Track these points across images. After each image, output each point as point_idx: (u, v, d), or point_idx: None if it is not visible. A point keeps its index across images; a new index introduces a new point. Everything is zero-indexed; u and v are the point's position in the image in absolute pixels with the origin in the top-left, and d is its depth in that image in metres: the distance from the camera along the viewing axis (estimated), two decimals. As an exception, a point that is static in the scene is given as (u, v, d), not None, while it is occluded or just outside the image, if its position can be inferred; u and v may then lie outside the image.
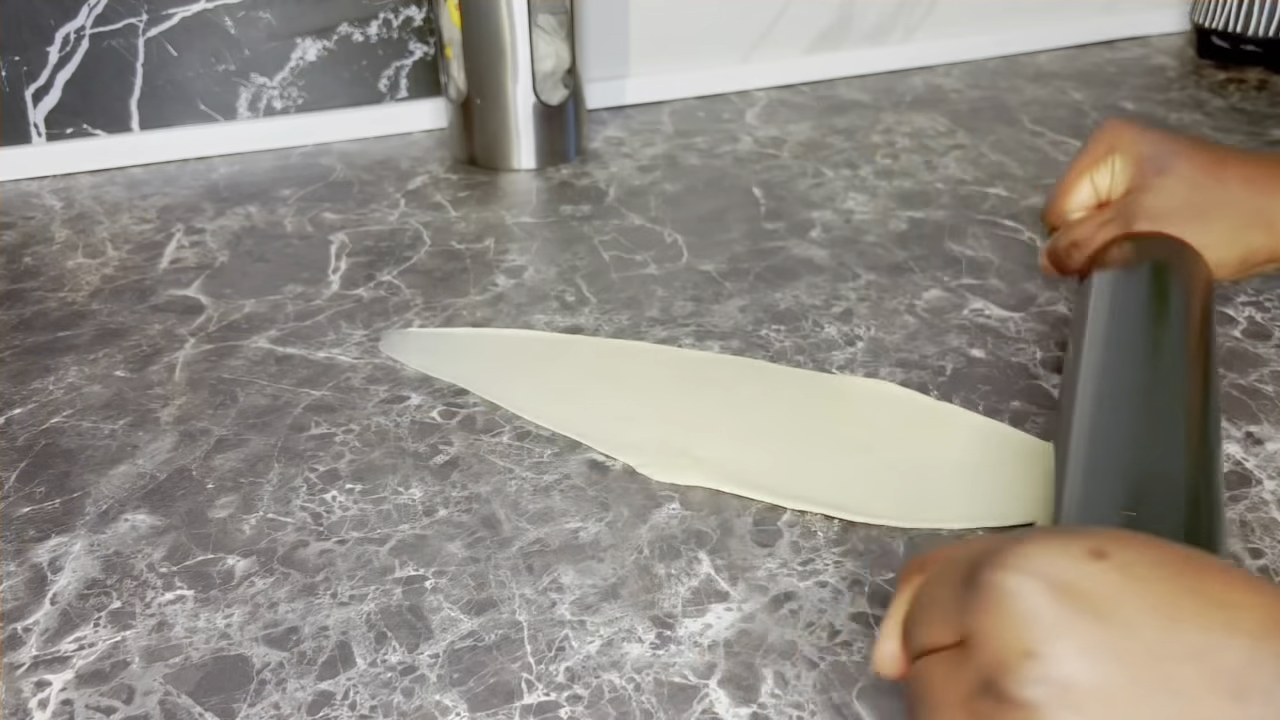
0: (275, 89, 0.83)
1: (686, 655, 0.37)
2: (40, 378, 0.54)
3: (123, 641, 0.38)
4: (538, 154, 0.80)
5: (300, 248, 0.68)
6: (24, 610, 0.39)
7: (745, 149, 0.84)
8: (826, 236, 0.69)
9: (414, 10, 0.85)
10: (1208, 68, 1.02)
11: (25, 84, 0.77)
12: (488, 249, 0.68)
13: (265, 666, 0.37)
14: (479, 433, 0.49)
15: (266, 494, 0.45)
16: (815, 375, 0.53)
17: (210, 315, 0.60)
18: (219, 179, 0.79)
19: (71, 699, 0.36)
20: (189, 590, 0.40)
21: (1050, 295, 0.61)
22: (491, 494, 0.45)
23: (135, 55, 0.79)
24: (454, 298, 0.61)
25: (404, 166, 0.81)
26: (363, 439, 0.49)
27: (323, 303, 0.61)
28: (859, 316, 0.59)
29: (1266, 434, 0.49)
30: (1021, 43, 1.07)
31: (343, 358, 0.55)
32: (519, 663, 0.37)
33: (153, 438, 0.49)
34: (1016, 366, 0.54)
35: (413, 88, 0.87)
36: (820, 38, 0.99)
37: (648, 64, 0.94)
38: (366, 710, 0.35)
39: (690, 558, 0.42)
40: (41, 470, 0.47)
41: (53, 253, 0.68)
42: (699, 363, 0.54)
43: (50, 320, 0.60)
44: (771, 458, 0.47)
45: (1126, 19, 1.11)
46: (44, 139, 0.79)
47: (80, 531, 0.43)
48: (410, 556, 0.42)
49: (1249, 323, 0.58)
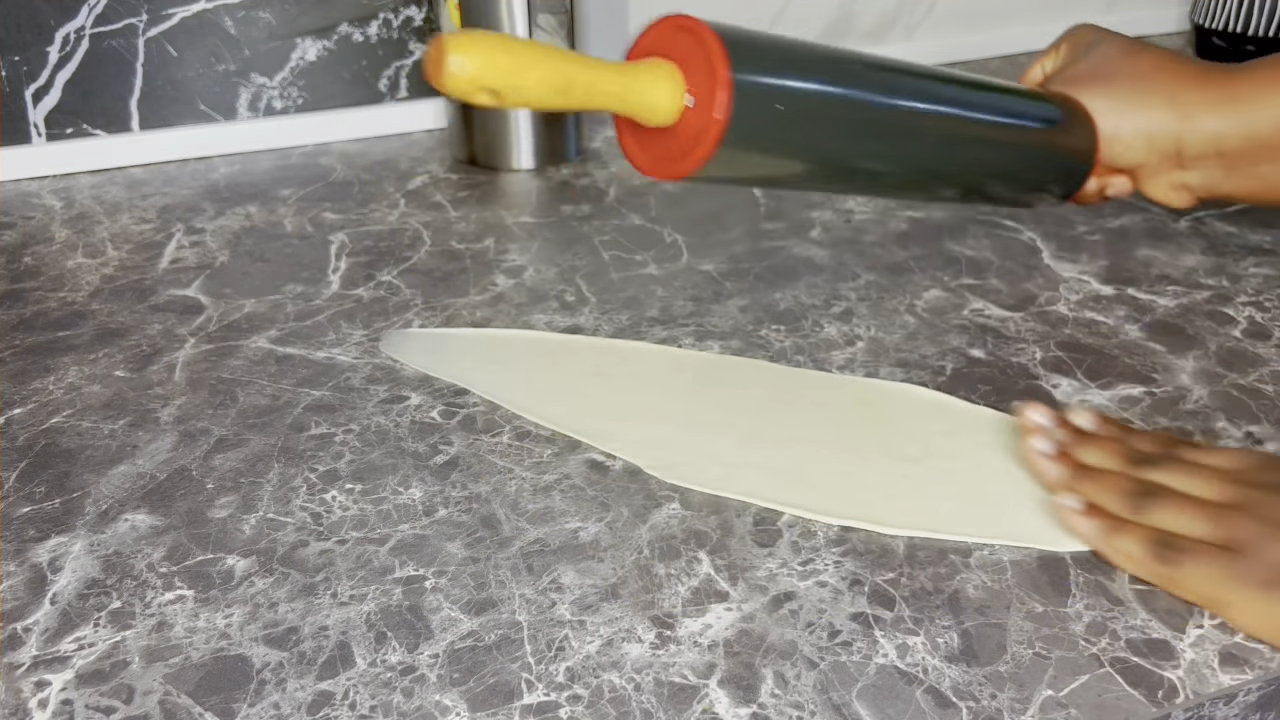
0: (275, 89, 0.83)
1: (686, 655, 0.37)
2: (40, 378, 0.54)
3: (123, 641, 0.38)
4: (538, 154, 0.80)
5: (300, 248, 0.68)
6: (24, 610, 0.39)
7: (745, 149, 0.84)
8: (826, 236, 0.69)
9: (414, 10, 0.85)
10: (1208, 68, 1.02)
11: (25, 84, 0.77)
12: (488, 249, 0.68)
13: (265, 666, 0.37)
14: (479, 433, 0.49)
15: (266, 494, 0.45)
16: (827, 377, 0.53)
17: (210, 315, 0.60)
18: (219, 179, 0.79)
19: (71, 699, 0.36)
20: (189, 590, 0.40)
21: (1050, 295, 0.61)
22: (491, 494, 0.45)
23: (135, 55, 0.79)
24: (454, 298, 0.61)
25: (404, 166, 0.81)
26: (363, 439, 0.49)
27: (323, 303, 0.61)
28: (859, 316, 0.59)
29: (1267, 434, 0.49)
30: (1021, 42, 1.07)
31: (343, 358, 0.55)
32: (519, 663, 0.37)
33: (153, 438, 0.49)
34: (1016, 366, 0.54)
35: (413, 88, 0.87)
36: (820, 37, 0.99)
37: (648, 64, 0.94)
38: (366, 710, 0.35)
39: (690, 558, 0.42)
40: (41, 470, 0.47)
41: (53, 253, 0.68)
42: (699, 363, 0.54)
43: (50, 320, 0.60)
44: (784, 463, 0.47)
45: (1126, 19, 1.11)
46: (44, 139, 0.79)
47: (80, 531, 0.43)
48: (410, 556, 0.42)
49: (1249, 323, 0.58)
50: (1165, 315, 0.58)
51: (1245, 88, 0.51)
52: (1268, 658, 0.37)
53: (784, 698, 0.35)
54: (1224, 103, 0.51)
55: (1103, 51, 0.55)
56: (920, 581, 0.40)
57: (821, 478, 0.45)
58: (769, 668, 0.37)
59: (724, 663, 0.37)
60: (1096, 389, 0.52)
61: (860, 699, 0.35)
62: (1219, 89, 0.52)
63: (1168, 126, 0.52)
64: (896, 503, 0.44)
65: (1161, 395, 0.51)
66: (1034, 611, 0.39)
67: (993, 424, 0.49)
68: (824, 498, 0.44)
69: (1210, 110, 0.51)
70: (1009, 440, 0.47)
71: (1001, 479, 0.45)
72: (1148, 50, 0.55)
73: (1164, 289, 0.61)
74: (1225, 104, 0.51)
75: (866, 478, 0.45)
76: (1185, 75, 0.52)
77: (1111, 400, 0.51)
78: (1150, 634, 0.38)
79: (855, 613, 0.39)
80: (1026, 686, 0.36)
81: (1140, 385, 0.52)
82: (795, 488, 0.45)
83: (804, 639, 0.38)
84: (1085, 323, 0.58)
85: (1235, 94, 0.51)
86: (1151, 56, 0.54)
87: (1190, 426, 0.49)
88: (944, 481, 0.45)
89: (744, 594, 0.40)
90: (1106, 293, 0.61)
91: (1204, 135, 0.52)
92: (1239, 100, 0.51)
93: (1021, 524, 0.43)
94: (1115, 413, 0.50)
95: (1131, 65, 0.53)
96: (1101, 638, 0.38)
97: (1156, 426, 0.49)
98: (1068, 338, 0.56)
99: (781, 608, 0.39)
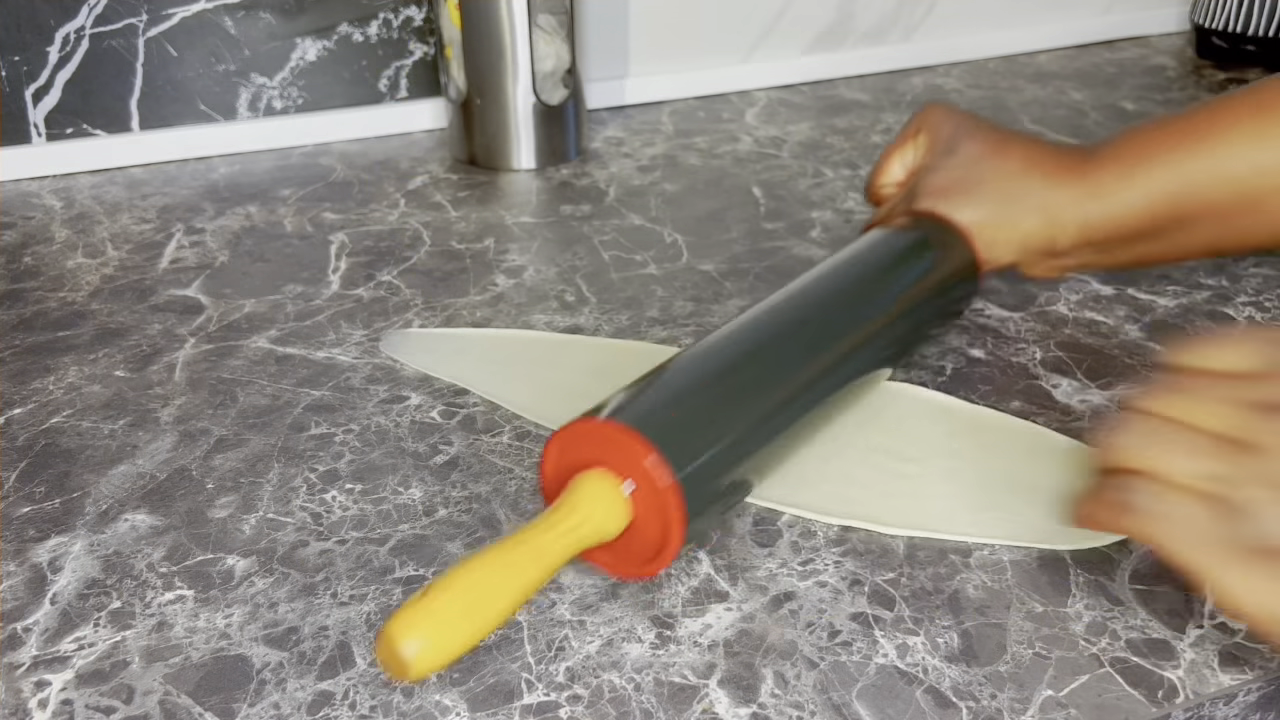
0: (275, 89, 0.83)
1: (686, 655, 0.37)
2: (40, 378, 0.54)
3: (123, 641, 0.38)
4: (538, 154, 0.80)
5: (300, 248, 0.68)
6: (24, 610, 0.39)
7: (745, 149, 0.84)
8: (826, 236, 0.69)
9: (414, 10, 0.85)
10: (1207, 68, 1.02)
11: (25, 84, 0.77)
12: (488, 249, 0.68)
13: (265, 666, 0.37)
14: (479, 433, 0.49)
15: (266, 494, 0.45)
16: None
17: (210, 315, 0.60)
18: (219, 179, 0.79)
19: (71, 699, 0.36)
20: (189, 590, 0.40)
21: (1050, 295, 0.61)
22: (491, 494, 0.45)
23: (135, 55, 0.79)
24: (454, 298, 0.61)
25: (404, 166, 0.81)
26: (363, 439, 0.49)
27: (323, 303, 0.61)
28: (859, 316, 0.59)
29: (1266, 434, 0.48)
30: (1021, 43, 1.07)
31: (343, 358, 0.55)
32: (519, 663, 0.37)
33: (153, 438, 0.49)
34: (1016, 366, 0.54)
35: (413, 88, 0.87)
36: (820, 38, 0.99)
37: (648, 64, 0.94)
38: (366, 710, 0.35)
39: (690, 558, 0.42)
40: (41, 470, 0.47)
41: (53, 253, 0.68)
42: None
43: (50, 320, 0.60)
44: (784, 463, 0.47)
45: (1126, 19, 1.11)
46: (44, 139, 0.79)
47: (80, 531, 0.43)
48: (410, 556, 0.42)
49: (1249, 323, 0.58)
50: (1165, 315, 0.58)
51: (1107, 178, 0.51)
52: (1267, 658, 0.37)
53: (784, 698, 0.35)
54: (1087, 199, 0.51)
55: (967, 154, 0.53)
56: (920, 581, 0.40)
57: (821, 478, 0.45)
58: (769, 668, 0.37)
59: (724, 663, 0.37)
60: (1096, 389, 0.52)
61: (860, 699, 0.35)
62: (1082, 184, 0.51)
63: (1039, 230, 0.52)
64: (896, 502, 0.44)
65: (1161, 395, 0.51)
66: (1034, 611, 0.39)
67: (993, 424, 0.49)
68: (824, 498, 0.44)
69: (1076, 207, 0.51)
70: (1009, 441, 0.47)
71: (1001, 479, 0.45)
72: (1010, 145, 0.53)
73: (1164, 289, 0.61)
74: (1089, 199, 0.51)
75: (866, 478, 0.45)
76: (1049, 173, 0.52)
77: (1111, 400, 0.51)
78: (1150, 634, 0.38)
79: (855, 613, 0.39)
80: (1026, 686, 0.36)
81: (1140, 385, 0.52)
82: (795, 488, 0.45)
83: (804, 639, 0.38)
84: (1085, 323, 0.58)
85: (1098, 188, 0.51)
86: (1016, 154, 0.53)
87: (1190, 426, 0.49)
88: (944, 481, 0.45)
89: (744, 594, 0.40)
90: (1106, 293, 0.61)
91: (1072, 231, 0.52)
92: (1101, 194, 0.51)
93: (1021, 524, 0.43)
94: (1115, 413, 0.50)
95: (996, 170, 0.52)
96: (1101, 638, 0.38)
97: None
98: (1068, 338, 0.56)
99: (781, 608, 0.39)
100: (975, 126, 0.54)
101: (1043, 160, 0.52)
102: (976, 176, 0.52)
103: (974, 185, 0.52)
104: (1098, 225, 0.52)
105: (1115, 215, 0.51)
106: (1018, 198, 0.52)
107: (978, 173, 0.52)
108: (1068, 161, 0.52)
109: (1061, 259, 0.54)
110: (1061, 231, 0.52)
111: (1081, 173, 0.52)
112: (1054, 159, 0.53)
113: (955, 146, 0.54)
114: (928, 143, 0.56)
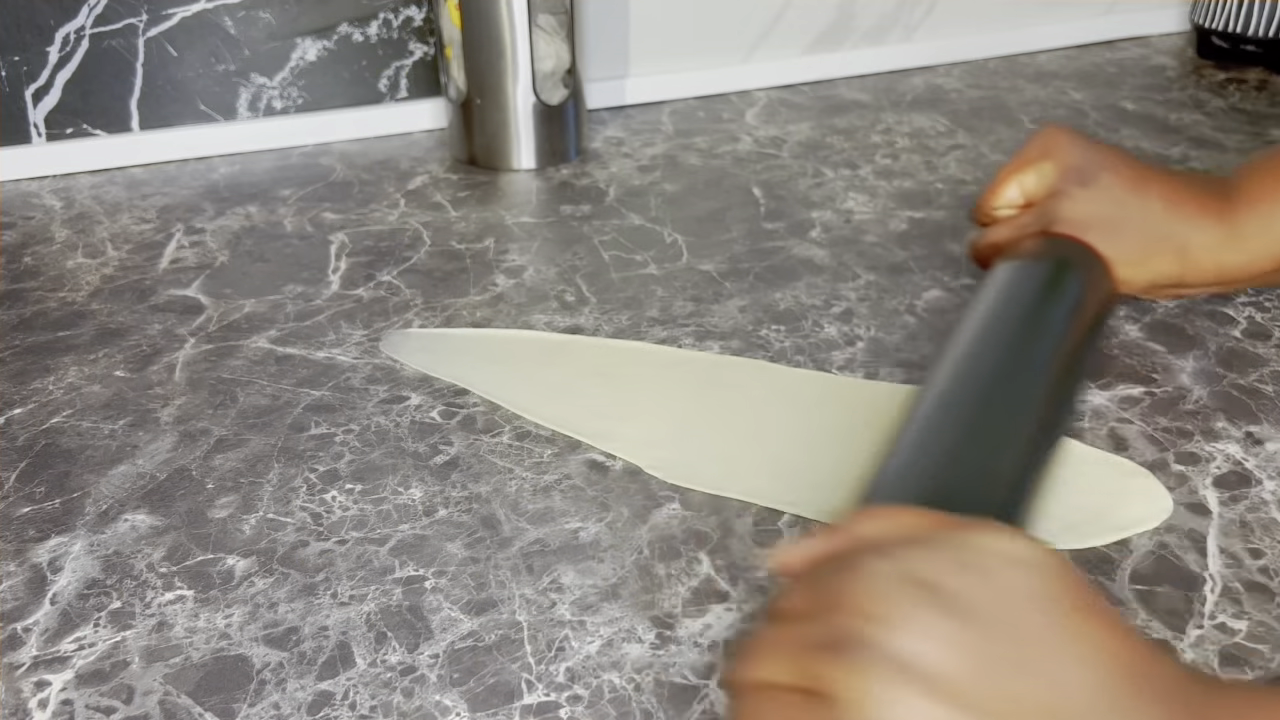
0: (275, 89, 0.83)
1: (686, 655, 0.37)
2: (40, 378, 0.54)
3: (123, 641, 0.38)
4: (538, 154, 0.80)
5: (300, 248, 0.68)
6: (24, 610, 0.39)
7: (745, 149, 0.84)
8: (826, 236, 0.69)
9: (414, 10, 0.85)
10: (1208, 68, 1.02)
11: (25, 84, 0.77)
12: (488, 249, 0.68)
13: (265, 666, 0.37)
14: (479, 433, 0.49)
15: (266, 494, 0.45)
16: (826, 377, 0.53)
17: (210, 315, 0.60)
18: (219, 179, 0.79)
19: (71, 699, 0.36)
20: (189, 590, 0.40)
21: (1050, 295, 0.61)
22: (491, 494, 0.45)
23: (135, 55, 0.79)
24: (454, 298, 0.61)
25: (404, 166, 0.81)
26: (363, 439, 0.49)
27: (323, 303, 0.61)
28: (859, 316, 0.59)
29: (1266, 434, 0.49)
30: (1021, 43, 1.07)
31: (343, 358, 0.55)
32: (519, 663, 0.37)
33: (153, 438, 0.49)
34: (1016, 366, 0.54)
35: (413, 88, 0.87)
36: (820, 38, 0.99)
37: (648, 64, 0.94)
38: (366, 710, 0.35)
39: (690, 558, 0.42)
40: (41, 470, 0.47)
41: (53, 253, 0.68)
42: (699, 363, 0.54)
43: (50, 320, 0.60)
44: (784, 463, 0.47)
45: (1126, 19, 1.11)
46: (44, 139, 0.79)
47: (80, 531, 0.43)
48: (410, 556, 0.42)
49: (1249, 323, 0.58)
50: (1165, 315, 0.58)
51: (1247, 225, 0.52)
52: (1268, 658, 0.37)
53: (784, 698, 0.35)
54: (1225, 247, 0.52)
55: (1106, 188, 0.52)
56: (920, 581, 0.40)
57: (821, 478, 0.45)
58: (769, 668, 0.36)
59: (724, 663, 0.37)
60: (1096, 389, 0.52)
61: (860, 699, 0.35)
62: (1220, 228, 0.52)
63: (1171, 268, 0.53)
64: (896, 503, 0.44)
65: (1161, 395, 0.51)
66: (1034, 611, 0.39)
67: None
68: (824, 498, 0.44)
69: (1213, 255, 0.52)
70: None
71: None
72: (1150, 183, 0.53)
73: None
74: (1226, 249, 0.52)
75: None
76: (1190, 216, 0.52)
77: (1111, 400, 0.51)
78: (1150, 634, 0.38)
79: (855, 613, 0.39)
80: (1026, 686, 0.36)
81: (1140, 385, 0.52)
82: (795, 488, 0.45)
83: (804, 639, 0.38)
84: (1085, 323, 0.58)
85: (1237, 234, 0.52)
86: (1156, 193, 0.52)
87: (1190, 426, 0.49)
88: (944, 481, 0.45)
89: (744, 594, 0.40)
90: (1106, 293, 0.61)
91: (1207, 273, 0.53)
92: (1241, 242, 0.52)
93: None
94: (1115, 413, 0.50)
95: (1140, 209, 0.52)
96: (1101, 638, 0.38)
97: (1157, 426, 0.49)
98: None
99: (781, 608, 0.39)
100: (1110, 158, 0.54)
101: (1183, 202, 0.52)
102: (1120, 215, 0.52)
103: (1118, 223, 0.52)
104: (1232, 269, 0.53)
105: (1252, 263, 0.52)
106: (1159, 239, 0.52)
107: (1122, 212, 0.52)
108: (1209, 203, 0.52)
109: (1181, 290, 0.55)
110: (1194, 271, 0.53)
111: (1220, 215, 0.52)
112: (1195, 201, 0.53)
113: (1091, 178, 0.53)
114: (1058, 169, 0.54)
